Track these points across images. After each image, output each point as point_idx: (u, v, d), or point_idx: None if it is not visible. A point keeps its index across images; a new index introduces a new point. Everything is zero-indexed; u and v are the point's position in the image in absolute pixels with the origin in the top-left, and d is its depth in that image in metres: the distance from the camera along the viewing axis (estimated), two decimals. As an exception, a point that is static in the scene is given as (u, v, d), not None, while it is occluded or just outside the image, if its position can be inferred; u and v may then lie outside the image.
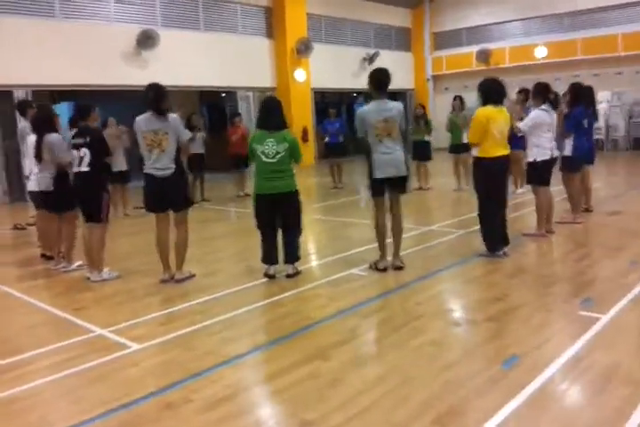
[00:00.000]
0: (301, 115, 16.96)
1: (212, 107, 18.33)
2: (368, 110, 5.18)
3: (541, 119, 6.26)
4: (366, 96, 18.29)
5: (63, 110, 11.79)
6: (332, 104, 15.99)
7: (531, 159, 6.38)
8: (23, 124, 7.18)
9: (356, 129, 5.44)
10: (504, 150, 5.56)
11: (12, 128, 11.91)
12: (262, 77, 16.82)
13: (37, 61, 11.86)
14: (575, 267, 5.33)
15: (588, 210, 7.61)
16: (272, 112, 5.26)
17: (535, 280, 4.97)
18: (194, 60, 14.62)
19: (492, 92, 5.51)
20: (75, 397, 3.17)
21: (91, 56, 12.70)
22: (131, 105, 13.61)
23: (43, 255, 6.65)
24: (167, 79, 13.83)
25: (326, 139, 12.10)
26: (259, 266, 5.45)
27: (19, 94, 11.88)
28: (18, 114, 7.76)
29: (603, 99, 18.15)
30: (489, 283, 4.94)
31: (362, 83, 21.31)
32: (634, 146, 17.72)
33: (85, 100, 11.80)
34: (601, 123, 17.81)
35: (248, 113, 16.29)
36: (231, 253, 6.83)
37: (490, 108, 5.45)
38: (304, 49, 16.74)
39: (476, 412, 2.76)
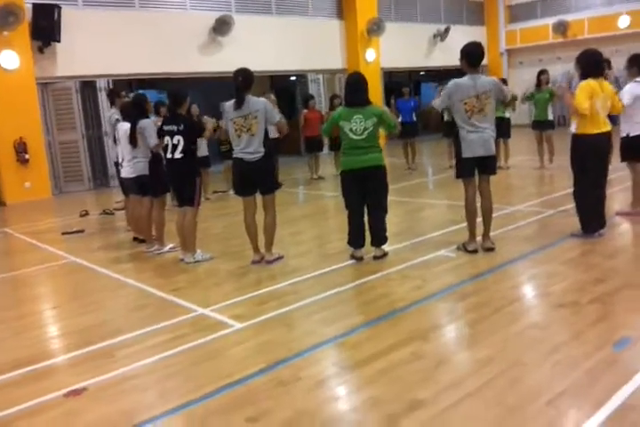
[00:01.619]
0: (371, 95, 16.71)
1: (282, 91, 18.42)
2: (460, 85, 5.06)
3: (635, 91, 5.95)
4: (439, 75, 17.92)
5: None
6: (401, 83, 15.75)
7: (623, 134, 6.10)
8: (112, 111, 7.46)
9: (433, 106, 5.41)
10: (606, 126, 5.33)
11: (97, 117, 12.49)
12: (333, 59, 16.74)
13: (117, 51, 12.24)
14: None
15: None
16: (358, 89, 5.26)
17: (636, 261, 4.77)
18: (266, 44, 14.70)
19: (591, 64, 5.27)
20: (186, 375, 3.32)
21: (167, 44, 12.99)
22: (206, 91, 13.99)
23: (135, 239, 6.95)
24: (241, 65, 14.00)
25: (399, 118, 11.95)
26: (344, 247, 5.50)
27: (100, 84, 12.34)
28: (108, 103, 8.04)
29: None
30: (587, 264, 4.78)
31: (433, 61, 20.89)
32: None
33: (163, 88, 12.18)
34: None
35: (318, 96, 16.27)
36: (315, 235, 6.90)
37: (592, 82, 5.20)
38: (375, 29, 16.50)
39: (590, 395, 2.70)
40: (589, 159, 5.28)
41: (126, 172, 6.59)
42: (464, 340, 3.54)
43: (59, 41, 11.38)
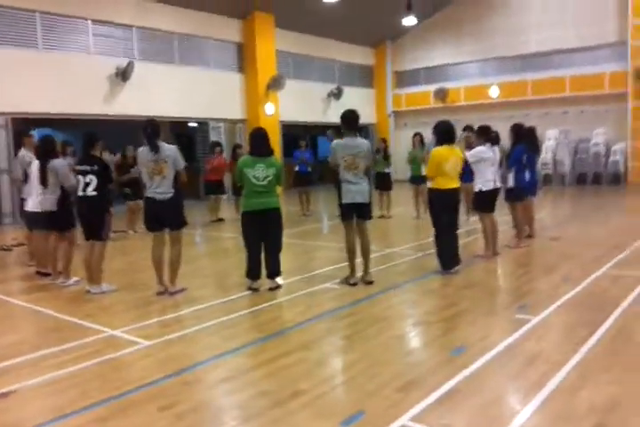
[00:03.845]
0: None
1: (181, 136, 19.06)
2: (340, 144, 6.05)
3: (484, 154, 7.22)
4: (335, 131, 19.35)
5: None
6: (299, 136, 16.94)
7: (477, 189, 7.34)
8: (24, 151, 7.81)
9: (325, 160, 6.33)
10: (455, 184, 6.50)
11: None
12: (234, 110, 17.73)
13: (18, 90, 12.43)
14: (516, 282, 6.27)
15: (530, 236, 8.61)
16: (262, 141, 6.10)
17: (482, 292, 5.87)
18: (169, 92, 15.42)
19: (444, 133, 6.46)
20: (104, 379, 3.84)
21: (70, 86, 13.34)
22: (109, 133, 14.36)
23: (38, 272, 7.23)
24: (142, 110, 14.64)
25: (296, 168, 12.96)
26: (242, 280, 6.19)
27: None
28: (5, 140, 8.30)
29: (551, 136, 19.70)
30: (443, 294, 5.82)
31: (328, 117, 22.46)
32: (578, 180, 19.17)
33: (60, 129, 12.45)
34: (548, 159, 19.34)
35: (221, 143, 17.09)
36: (215, 271, 7.55)
37: (443, 148, 6.40)
38: (275, 84, 17.73)
39: (429, 384, 3.56)
40: (442, 210, 6.43)
41: (32, 206, 6.97)
42: (339, 348, 4.36)
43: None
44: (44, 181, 6.62)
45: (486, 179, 7.21)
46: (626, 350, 4.04)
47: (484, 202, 7.28)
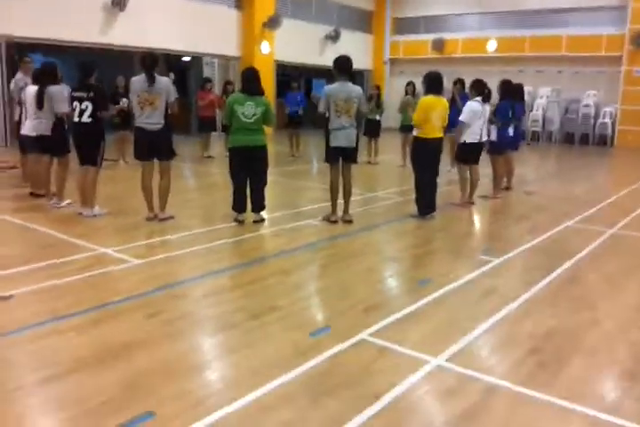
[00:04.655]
0: (264, 85, 17.67)
1: (176, 70, 18.85)
2: (334, 89, 6.23)
3: (475, 109, 7.47)
4: (328, 76, 19.22)
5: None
6: (292, 77, 16.91)
7: (461, 141, 7.61)
8: (20, 75, 7.88)
9: (315, 102, 6.52)
10: (439, 133, 6.74)
11: None
12: (229, 47, 17.54)
13: (13, 14, 12.25)
14: (485, 228, 6.70)
15: (508, 188, 8.98)
16: (253, 80, 6.28)
17: (452, 235, 6.28)
18: (164, 24, 15.21)
19: (433, 84, 6.66)
20: (98, 288, 4.21)
21: (63, 13, 13.12)
22: (102, 62, 14.26)
23: (31, 193, 7.49)
24: (137, 41, 14.50)
25: (287, 109, 13.07)
26: (228, 213, 6.50)
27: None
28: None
29: (543, 94, 19.82)
30: (416, 235, 6.21)
31: (324, 59, 22.21)
32: (565, 139, 19.48)
33: (50, 55, 12.33)
34: (538, 116, 19.54)
35: (212, 79, 17.00)
36: (203, 203, 7.87)
37: (431, 97, 6.61)
38: (272, 23, 17.50)
39: (392, 307, 3.96)
40: (424, 158, 6.71)
41: (28, 130, 7.14)
42: (315, 274, 4.77)
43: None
44: (40, 104, 6.77)
45: (473, 132, 7.46)
46: (571, 291, 4.46)
47: (466, 153, 7.56)
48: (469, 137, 7.53)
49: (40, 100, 6.76)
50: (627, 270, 5.05)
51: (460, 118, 7.45)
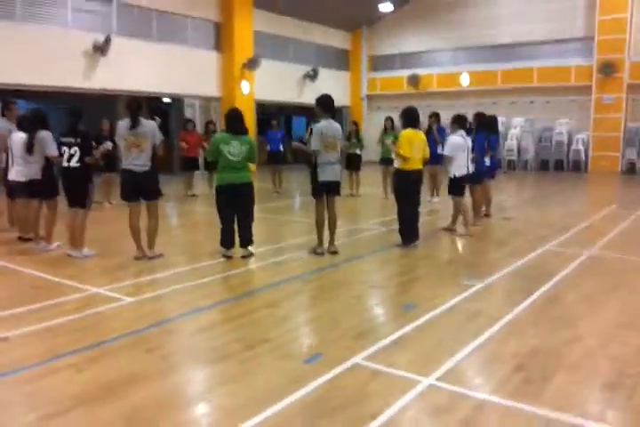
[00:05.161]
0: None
1: (157, 113, 19.21)
2: (324, 126, 6.45)
3: (459, 143, 7.73)
4: (307, 113, 19.76)
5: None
6: (272, 116, 17.32)
7: (451, 175, 7.82)
8: (1, 122, 8.00)
9: (301, 140, 6.77)
10: (418, 165, 7.00)
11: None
12: (209, 88, 17.96)
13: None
14: (467, 254, 6.88)
15: (487, 215, 9.24)
16: (237, 120, 6.52)
17: (436, 262, 6.47)
18: (145, 68, 15.59)
19: (411, 118, 6.97)
20: (95, 327, 4.29)
21: (47, 59, 13.43)
22: (85, 106, 14.52)
23: (20, 238, 7.55)
24: (118, 84, 14.83)
25: (268, 147, 13.36)
26: (216, 250, 6.62)
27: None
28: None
29: (517, 124, 20.43)
30: (401, 263, 6.39)
31: (303, 97, 22.76)
32: (540, 167, 19.99)
33: (35, 101, 12.54)
34: (513, 146, 20.10)
35: (194, 120, 17.33)
36: (190, 241, 7.98)
37: (410, 131, 6.89)
38: (251, 64, 17.99)
39: (381, 333, 4.10)
40: (407, 189, 6.94)
41: (17, 175, 7.25)
42: (304, 306, 4.89)
43: None
44: (30, 149, 6.92)
45: (459, 165, 7.71)
46: (552, 311, 4.62)
47: (458, 186, 7.79)
48: (457, 171, 7.76)
49: (30, 145, 6.92)
50: (605, 290, 5.24)
51: (445, 152, 7.68)
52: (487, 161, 8.80)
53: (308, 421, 2.88)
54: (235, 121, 6.52)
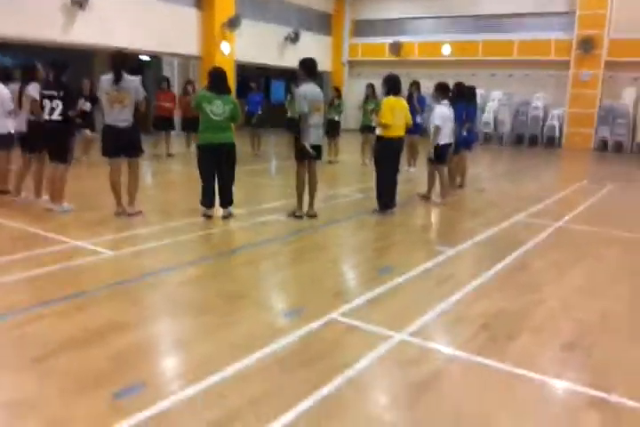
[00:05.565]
0: (224, 86, 17.90)
1: (133, 70, 18.84)
2: (309, 89, 6.47)
3: (445, 113, 7.82)
4: (287, 76, 19.52)
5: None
6: (251, 78, 17.11)
7: (434, 144, 7.91)
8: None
9: (281, 102, 6.82)
10: (400, 132, 7.10)
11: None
12: (189, 46, 17.58)
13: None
14: (441, 222, 7.09)
15: (461, 186, 9.44)
16: (222, 79, 6.50)
17: (411, 229, 6.67)
18: (124, 23, 15.16)
19: (393, 85, 7.03)
20: (81, 277, 4.38)
21: (24, 12, 13.01)
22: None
23: (-3, 190, 7.52)
24: (98, 40, 14.44)
25: (246, 108, 13.26)
26: (195, 208, 6.70)
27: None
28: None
29: (495, 97, 20.55)
30: (377, 229, 6.56)
31: (284, 61, 22.39)
32: (516, 141, 20.26)
33: (11, 55, 12.19)
34: (490, 119, 20.27)
35: (172, 79, 17.05)
36: (169, 199, 8.04)
37: (392, 98, 6.97)
38: (232, 24, 17.66)
39: (357, 292, 4.28)
40: (387, 156, 7.06)
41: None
42: (283, 265, 5.06)
43: None
44: (20, 103, 6.84)
45: (444, 134, 7.79)
46: (519, 277, 4.86)
47: (441, 155, 7.91)
48: (442, 139, 7.86)
49: (21, 98, 6.83)
50: (571, 259, 5.50)
51: (435, 122, 7.66)
52: (464, 132, 8.94)
53: (287, 368, 3.06)
54: (219, 80, 6.50)
